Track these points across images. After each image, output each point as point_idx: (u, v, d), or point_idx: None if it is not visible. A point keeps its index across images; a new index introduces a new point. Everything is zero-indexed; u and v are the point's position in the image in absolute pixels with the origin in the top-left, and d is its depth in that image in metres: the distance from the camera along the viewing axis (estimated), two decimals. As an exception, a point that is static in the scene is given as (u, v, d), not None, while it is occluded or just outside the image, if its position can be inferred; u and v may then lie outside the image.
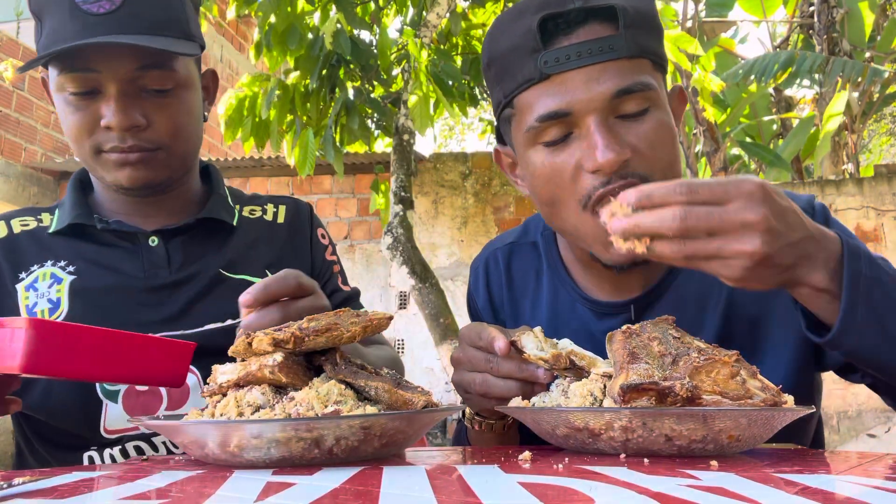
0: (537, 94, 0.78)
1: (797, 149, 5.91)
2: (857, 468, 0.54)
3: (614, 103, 0.76)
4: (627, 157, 0.76)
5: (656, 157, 0.78)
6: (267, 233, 1.10)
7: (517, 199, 5.25)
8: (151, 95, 0.93)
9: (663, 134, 0.79)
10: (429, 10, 3.87)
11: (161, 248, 1.00)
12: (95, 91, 0.90)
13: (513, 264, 1.02)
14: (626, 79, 0.76)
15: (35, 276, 0.97)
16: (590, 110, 0.76)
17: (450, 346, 3.71)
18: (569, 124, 0.78)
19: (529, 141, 0.81)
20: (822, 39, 5.99)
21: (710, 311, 0.88)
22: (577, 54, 0.76)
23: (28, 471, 0.60)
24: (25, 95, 5.44)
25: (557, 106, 0.77)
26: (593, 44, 0.76)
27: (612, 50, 0.76)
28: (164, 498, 0.45)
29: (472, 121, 9.45)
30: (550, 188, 0.81)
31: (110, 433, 0.93)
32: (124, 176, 0.94)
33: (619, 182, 0.76)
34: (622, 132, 0.77)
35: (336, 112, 3.63)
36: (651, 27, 0.80)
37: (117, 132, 0.91)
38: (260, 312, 0.73)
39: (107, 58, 0.89)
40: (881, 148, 9.55)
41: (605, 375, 0.68)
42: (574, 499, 0.42)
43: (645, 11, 0.80)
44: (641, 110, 0.78)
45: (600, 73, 0.76)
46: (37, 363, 0.65)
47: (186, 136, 0.97)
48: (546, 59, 0.77)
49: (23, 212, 1.06)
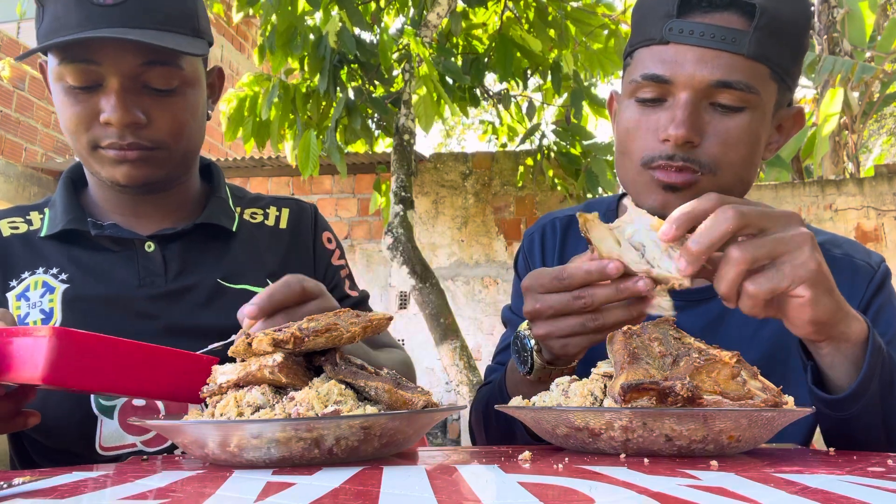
0: (651, 54, 0.83)
1: (797, 148, 5.91)
2: (857, 468, 0.54)
3: (712, 91, 0.80)
4: (695, 142, 0.80)
5: (727, 154, 0.81)
6: (268, 239, 1.06)
7: (517, 199, 5.25)
8: (154, 93, 0.89)
9: (745, 137, 0.82)
10: (429, 10, 3.87)
11: (157, 254, 0.96)
12: (96, 84, 0.87)
13: (569, 235, 1.05)
14: (732, 73, 0.79)
15: (26, 285, 0.93)
16: (687, 87, 0.80)
17: (450, 346, 3.71)
18: (665, 91, 0.82)
19: (629, 93, 0.87)
20: (823, 39, 5.99)
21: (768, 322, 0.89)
22: (700, 33, 0.79)
23: (28, 471, 0.60)
24: (25, 95, 5.44)
25: (662, 71, 0.81)
26: (718, 30, 0.79)
27: (733, 43, 0.79)
28: (164, 498, 0.45)
29: (473, 120, 9.45)
30: (627, 140, 0.86)
31: (106, 450, 0.89)
32: (121, 173, 0.90)
33: (679, 162, 0.81)
34: (707, 119, 0.81)
35: (338, 112, 3.63)
36: (788, 40, 0.82)
37: (117, 129, 0.87)
38: (265, 323, 0.71)
39: (111, 51, 0.85)
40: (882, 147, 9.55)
41: (606, 375, 0.67)
42: (574, 499, 0.42)
43: (790, 23, 0.81)
44: (736, 108, 0.81)
45: (713, 58, 0.79)
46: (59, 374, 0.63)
47: (188, 136, 0.93)
48: (672, 26, 0.81)
49: (11, 212, 1.01)
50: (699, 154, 0.81)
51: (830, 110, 5.12)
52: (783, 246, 0.64)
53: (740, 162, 0.83)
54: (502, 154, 5.27)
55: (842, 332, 0.69)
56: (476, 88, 4.37)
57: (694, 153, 0.81)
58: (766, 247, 0.64)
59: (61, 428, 0.89)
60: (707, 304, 0.93)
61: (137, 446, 0.90)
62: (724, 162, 0.82)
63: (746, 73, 0.80)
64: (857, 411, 0.71)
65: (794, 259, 0.63)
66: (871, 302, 0.90)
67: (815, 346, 0.72)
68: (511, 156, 5.26)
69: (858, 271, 0.91)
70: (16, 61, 0.93)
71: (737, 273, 0.63)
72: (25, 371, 0.63)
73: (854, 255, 0.93)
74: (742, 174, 0.84)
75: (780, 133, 0.91)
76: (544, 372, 0.81)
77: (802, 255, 0.64)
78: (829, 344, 0.71)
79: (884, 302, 0.90)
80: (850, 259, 0.92)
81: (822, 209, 4.74)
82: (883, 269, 0.92)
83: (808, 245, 0.64)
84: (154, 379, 0.71)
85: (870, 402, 0.71)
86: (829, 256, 0.90)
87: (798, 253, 0.64)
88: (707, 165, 0.81)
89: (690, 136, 0.79)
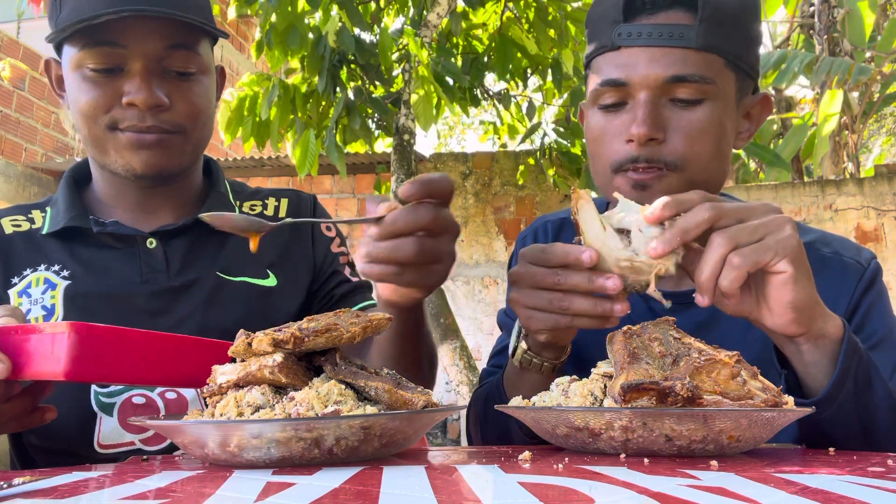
0: (606, 61, 0.86)
1: (797, 148, 5.91)
2: (857, 468, 0.54)
3: (668, 87, 0.82)
4: (659, 138, 0.82)
5: (691, 148, 0.82)
6: None
7: (517, 199, 5.25)
8: (173, 77, 0.91)
9: (709, 128, 0.83)
10: (429, 10, 3.87)
11: (159, 250, 0.97)
12: (117, 69, 0.88)
13: (561, 237, 1.06)
14: (686, 67, 0.81)
15: (28, 282, 0.93)
16: (644, 86, 0.82)
17: (450, 346, 3.71)
18: (624, 94, 0.84)
19: (592, 101, 0.89)
20: (823, 39, 5.99)
21: None
22: (648, 34, 0.82)
23: (28, 471, 0.60)
24: (26, 95, 5.44)
25: (617, 75, 0.84)
26: (665, 28, 0.81)
27: (681, 38, 0.81)
28: (164, 498, 0.45)
29: (473, 120, 9.45)
30: (596, 147, 0.89)
31: (104, 448, 0.89)
32: (139, 160, 0.91)
33: (643, 164, 0.82)
34: (668, 115, 0.83)
35: (337, 112, 3.63)
36: (736, 28, 0.84)
37: (140, 110, 0.88)
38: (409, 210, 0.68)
39: (135, 33, 0.87)
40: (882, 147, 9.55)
41: (606, 375, 0.67)
42: (574, 499, 0.42)
43: (735, 11, 0.84)
44: (694, 100, 0.82)
45: (664, 55, 0.81)
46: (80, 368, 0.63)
47: (203, 122, 0.96)
48: (620, 31, 0.84)
49: (13, 210, 1.02)
50: (664, 152, 0.82)
51: (830, 110, 5.12)
52: (764, 228, 0.65)
53: (707, 154, 0.84)
54: (502, 154, 5.27)
55: (820, 328, 0.69)
56: (476, 88, 4.36)
57: (658, 151, 0.82)
58: (748, 230, 0.65)
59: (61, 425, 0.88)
60: (695, 307, 0.92)
61: (136, 444, 0.90)
62: (690, 156, 0.83)
63: (699, 65, 0.81)
64: (832, 413, 0.71)
65: (775, 236, 0.65)
66: (861, 300, 0.89)
67: (795, 344, 0.72)
68: (511, 156, 5.26)
69: (848, 269, 0.90)
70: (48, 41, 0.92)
71: (720, 256, 0.64)
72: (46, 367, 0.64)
73: (843, 254, 0.92)
74: (711, 166, 0.85)
75: (749, 121, 0.92)
76: (525, 359, 0.82)
77: (784, 232, 0.65)
78: (808, 340, 0.71)
79: (875, 300, 0.89)
80: (839, 257, 0.91)
81: (822, 209, 4.74)
82: (873, 267, 0.91)
83: (788, 225, 0.65)
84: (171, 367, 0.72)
85: (845, 404, 0.70)
86: (818, 255, 0.90)
87: (779, 231, 0.65)
88: (672, 163, 0.83)
89: (652, 133, 0.81)
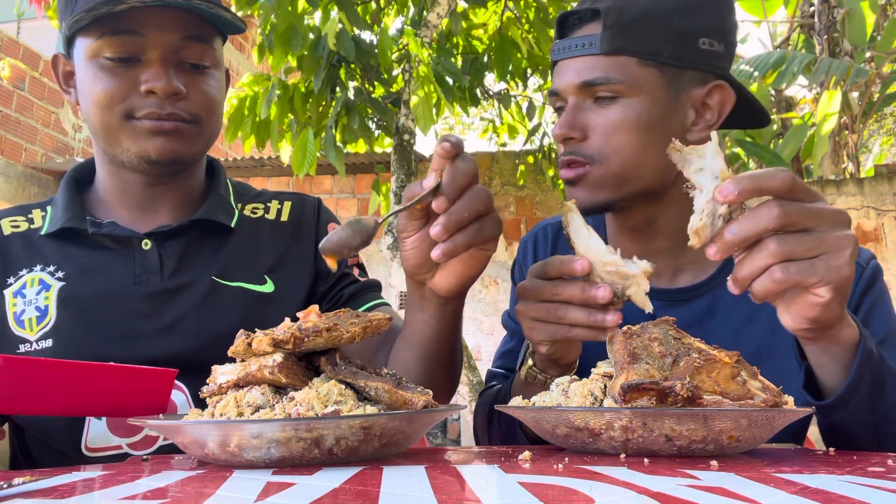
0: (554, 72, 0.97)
1: (797, 148, 5.90)
2: (857, 468, 0.54)
3: (584, 91, 0.91)
4: (575, 137, 0.91)
5: (610, 142, 0.89)
6: (269, 233, 1.06)
7: (517, 199, 5.25)
8: (188, 69, 0.93)
9: (627, 123, 0.89)
10: (429, 10, 3.87)
11: (154, 252, 0.96)
12: (134, 58, 0.90)
13: (560, 241, 1.10)
14: (594, 72, 0.89)
15: (23, 282, 0.93)
16: (568, 93, 0.92)
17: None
18: (562, 101, 0.94)
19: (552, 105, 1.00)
20: (823, 39, 5.99)
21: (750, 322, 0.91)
22: (567, 48, 0.92)
23: (28, 471, 0.60)
24: (25, 95, 5.44)
25: (555, 87, 0.95)
26: (579, 40, 0.91)
27: (590, 46, 0.90)
28: (164, 498, 0.45)
29: (473, 120, 9.45)
30: None
31: (92, 451, 0.89)
32: (154, 147, 0.91)
33: (566, 157, 0.92)
34: (590, 116, 0.91)
35: (336, 112, 3.63)
36: (648, 29, 0.89)
37: (159, 98, 0.90)
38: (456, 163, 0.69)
39: (153, 23, 0.89)
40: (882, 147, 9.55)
41: (606, 375, 0.67)
42: (574, 499, 0.42)
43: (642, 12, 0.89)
44: (607, 98, 0.90)
45: (578, 64, 0.91)
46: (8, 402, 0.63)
47: (217, 115, 0.98)
48: (554, 48, 0.95)
49: (13, 211, 1.02)
50: (582, 148, 0.91)
51: (828, 110, 5.12)
52: (824, 246, 0.62)
53: (628, 147, 0.89)
54: (502, 154, 5.27)
55: (832, 336, 0.69)
56: (476, 88, 4.37)
57: (580, 147, 0.91)
58: (805, 244, 0.62)
59: (50, 427, 0.89)
60: (692, 303, 0.94)
61: (123, 448, 0.89)
62: (609, 150, 0.89)
63: (606, 68, 0.89)
64: (845, 417, 0.71)
65: (830, 259, 0.62)
66: (861, 301, 0.90)
67: (804, 344, 0.72)
68: (511, 156, 5.26)
69: None
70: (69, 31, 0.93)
71: (765, 264, 0.63)
72: None
73: None
74: (634, 159, 0.89)
75: (706, 110, 0.93)
76: (530, 374, 0.85)
77: (840, 259, 0.62)
78: (817, 343, 0.71)
79: (875, 300, 0.90)
80: None
81: (822, 209, 4.73)
82: (872, 267, 0.92)
83: (848, 249, 0.63)
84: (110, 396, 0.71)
85: (858, 408, 0.71)
86: None
87: (837, 255, 0.62)
88: (592, 156, 0.90)
89: (567, 133, 0.90)
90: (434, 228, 0.69)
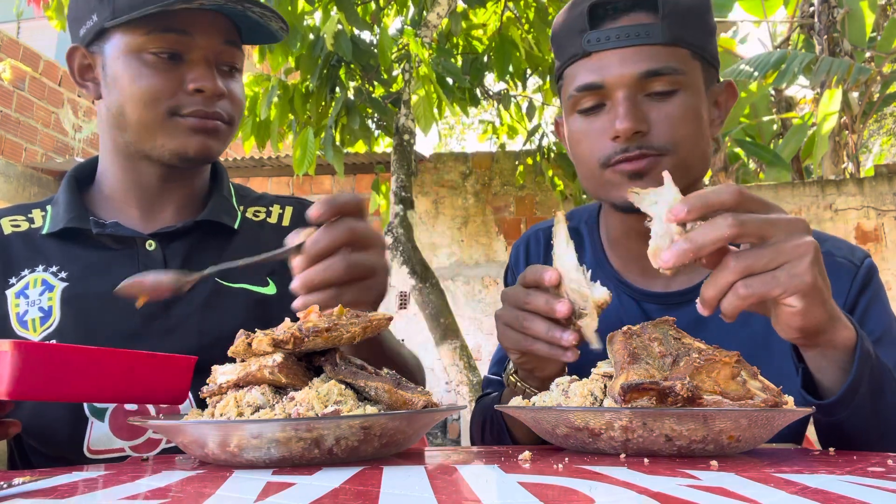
0: (579, 68, 0.89)
1: (797, 148, 5.91)
2: (857, 468, 0.54)
3: (643, 83, 0.85)
4: (644, 130, 0.84)
5: (676, 134, 0.85)
6: (270, 236, 1.05)
7: (517, 199, 5.25)
8: (224, 71, 0.96)
9: (687, 115, 0.86)
10: (429, 10, 3.87)
11: (158, 253, 0.96)
12: (178, 55, 0.92)
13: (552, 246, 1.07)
14: (656, 62, 0.85)
15: (26, 282, 0.93)
16: (620, 86, 0.85)
17: (450, 346, 3.71)
18: (601, 96, 0.87)
19: (570, 108, 0.92)
20: (823, 39, 5.99)
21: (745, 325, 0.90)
22: (616, 36, 0.86)
23: (28, 471, 0.60)
24: (26, 95, 5.44)
25: (593, 79, 0.87)
26: (631, 29, 0.85)
27: (647, 36, 0.85)
28: (164, 498, 0.45)
29: (473, 120, 9.45)
30: (580, 150, 0.91)
31: (94, 453, 0.89)
32: (194, 144, 0.93)
33: (635, 151, 0.85)
34: (647, 109, 0.86)
35: (336, 112, 3.63)
36: (695, 22, 0.88)
37: (206, 96, 0.92)
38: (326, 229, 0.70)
39: (201, 24, 0.91)
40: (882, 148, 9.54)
41: (606, 375, 0.67)
42: (574, 499, 0.42)
43: (692, 7, 0.88)
44: (669, 91, 0.86)
45: (634, 54, 0.85)
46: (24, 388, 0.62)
47: (241, 118, 1.01)
48: (589, 38, 0.87)
49: (13, 210, 1.02)
50: (651, 140, 0.85)
51: (829, 110, 5.12)
52: (782, 256, 0.62)
53: (691, 139, 0.87)
54: (502, 154, 5.27)
55: (828, 340, 0.69)
56: (476, 88, 4.37)
57: (646, 140, 0.85)
58: (764, 258, 0.62)
59: (52, 429, 0.89)
60: (686, 307, 0.93)
61: (126, 451, 0.89)
62: (676, 141, 0.85)
63: (668, 58, 0.85)
64: (847, 416, 0.71)
65: (791, 268, 0.62)
66: (857, 300, 0.89)
67: (802, 350, 0.73)
68: (511, 156, 5.26)
69: (840, 269, 0.90)
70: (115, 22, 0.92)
71: (728, 282, 0.63)
72: None
73: (836, 254, 0.92)
74: (696, 151, 0.88)
75: (718, 109, 0.95)
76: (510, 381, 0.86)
77: (800, 266, 0.62)
78: (814, 349, 0.71)
79: (871, 298, 0.90)
80: (831, 258, 0.91)
81: (822, 209, 4.74)
82: (867, 266, 0.91)
83: (808, 256, 0.62)
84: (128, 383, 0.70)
85: (859, 408, 0.71)
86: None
87: (797, 263, 0.62)
88: (661, 147, 0.85)
89: (637, 126, 0.84)
90: (293, 283, 0.70)
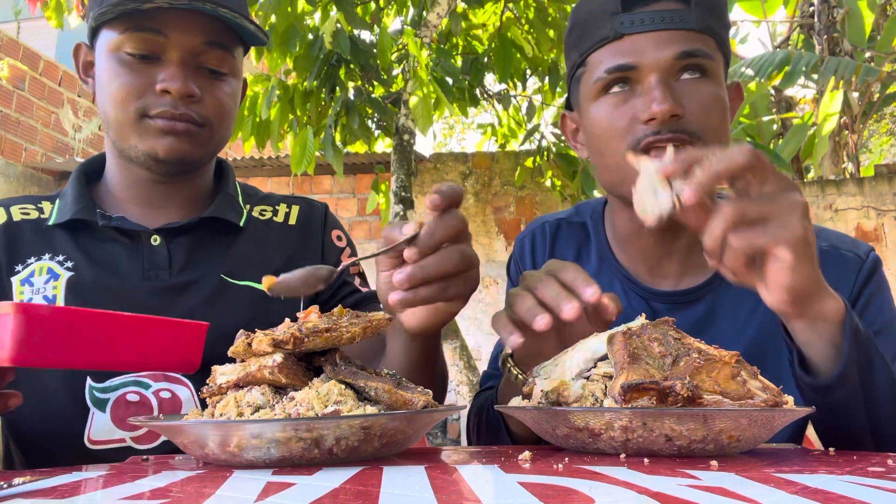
0: (610, 51, 0.88)
1: (797, 148, 5.91)
2: (857, 468, 0.54)
3: (677, 65, 0.85)
4: (680, 113, 0.84)
5: (708, 119, 0.85)
6: (277, 235, 1.06)
7: (517, 199, 5.25)
8: (206, 74, 0.94)
9: (717, 102, 0.86)
10: (429, 10, 3.87)
11: (163, 247, 0.97)
12: (154, 56, 0.91)
13: (558, 238, 1.08)
14: (690, 45, 0.85)
15: (31, 270, 0.94)
16: (654, 68, 0.85)
17: (450, 346, 3.71)
18: (632, 79, 0.87)
19: (595, 94, 0.90)
20: (823, 39, 5.99)
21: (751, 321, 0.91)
22: (650, 20, 0.86)
23: (28, 471, 0.60)
24: (25, 95, 5.44)
25: (625, 60, 0.86)
26: (665, 13, 0.86)
27: (681, 21, 0.86)
28: (164, 498, 0.45)
29: (473, 120, 9.46)
30: (606, 137, 0.89)
31: (95, 444, 0.89)
32: (163, 146, 0.92)
33: (668, 134, 0.83)
34: (681, 91, 0.85)
35: (336, 112, 3.62)
36: (721, 13, 0.89)
37: (173, 98, 0.91)
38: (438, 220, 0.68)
39: (179, 24, 0.90)
40: (881, 148, 9.55)
41: (606, 375, 0.67)
42: (574, 499, 0.42)
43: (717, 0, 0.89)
44: (699, 77, 0.86)
45: (668, 38, 0.86)
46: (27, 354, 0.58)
47: (228, 122, 0.98)
48: (622, 20, 0.87)
49: (23, 199, 1.03)
50: (685, 124, 0.84)
51: (830, 110, 5.12)
52: (775, 207, 0.64)
53: (719, 125, 0.87)
54: (502, 154, 5.27)
55: (818, 311, 0.69)
56: (476, 89, 4.37)
57: (680, 124, 0.84)
58: (756, 205, 0.64)
59: (53, 418, 0.89)
60: (692, 307, 0.94)
61: (127, 442, 0.90)
62: (708, 126, 0.85)
63: (700, 43, 0.86)
64: (844, 395, 0.71)
65: (781, 220, 0.64)
66: (861, 292, 0.90)
67: (790, 324, 0.72)
68: (511, 156, 5.26)
69: (846, 262, 0.91)
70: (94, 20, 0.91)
71: (723, 228, 0.64)
72: None
73: (841, 247, 0.92)
74: (723, 140, 0.87)
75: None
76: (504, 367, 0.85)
77: (791, 219, 0.64)
78: (803, 321, 0.71)
79: (874, 291, 0.90)
80: (837, 251, 0.92)
81: (822, 209, 4.74)
82: (872, 259, 0.92)
83: (798, 211, 0.64)
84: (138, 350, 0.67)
85: (854, 386, 0.71)
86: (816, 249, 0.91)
87: (788, 216, 0.64)
88: (695, 132, 0.84)
89: (675, 109, 0.83)
90: (398, 275, 0.68)
